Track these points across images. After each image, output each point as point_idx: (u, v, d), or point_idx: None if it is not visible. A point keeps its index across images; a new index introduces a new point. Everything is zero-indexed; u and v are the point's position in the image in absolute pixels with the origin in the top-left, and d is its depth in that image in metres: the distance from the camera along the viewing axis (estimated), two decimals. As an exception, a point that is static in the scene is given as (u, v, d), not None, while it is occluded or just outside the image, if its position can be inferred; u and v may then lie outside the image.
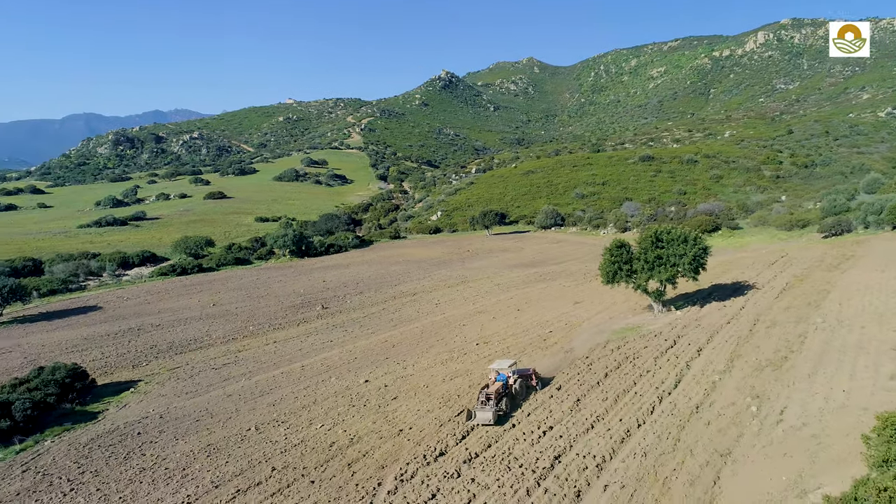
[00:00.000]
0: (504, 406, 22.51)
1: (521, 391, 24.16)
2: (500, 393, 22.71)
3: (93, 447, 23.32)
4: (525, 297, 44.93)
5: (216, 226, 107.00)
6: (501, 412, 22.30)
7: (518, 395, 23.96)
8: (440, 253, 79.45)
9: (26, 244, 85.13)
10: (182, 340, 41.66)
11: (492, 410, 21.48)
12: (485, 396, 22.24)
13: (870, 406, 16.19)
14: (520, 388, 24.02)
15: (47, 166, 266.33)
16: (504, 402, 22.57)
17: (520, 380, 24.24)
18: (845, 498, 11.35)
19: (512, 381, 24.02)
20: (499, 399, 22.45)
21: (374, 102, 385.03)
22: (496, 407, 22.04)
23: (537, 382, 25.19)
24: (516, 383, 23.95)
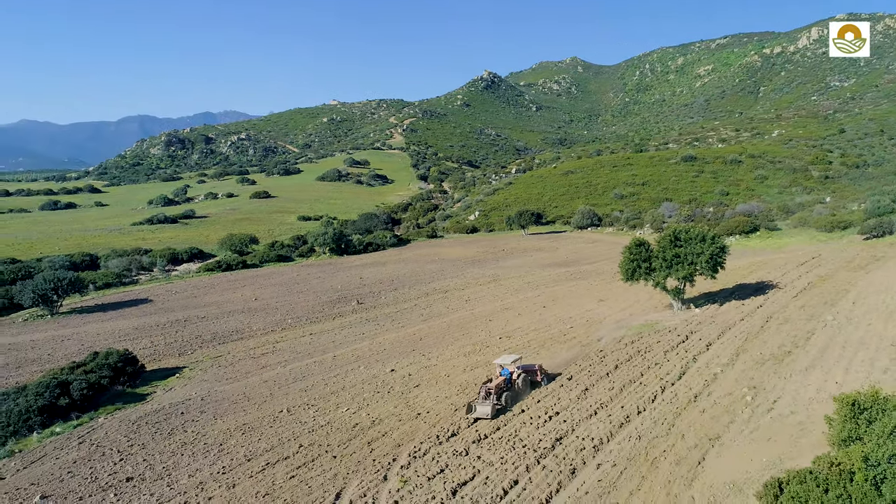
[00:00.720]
0: (505, 401, 23.39)
1: (525, 386, 24.97)
2: (500, 388, 23.62)
3: (141, 424, 25.50)
4: (552, 295, 45.87)
5: (260, 224, 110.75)
6: (500, 406, 23.21)
7: (521, 391, 24.77)
8: (475, 252, 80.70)
9: (84, 240, 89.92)
10: (225, 331, 43.98)
11: (490, 405, 22.44)
12: (485, 391, 23.17)
13: None
14: (523, 383, 24.86)
15: (104, 166, 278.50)
16: (505, 396, 23.46)
17: (523, 375, 25.10)
18: (801, 472, 12.16)
19: (515, 376, 24.91)
20: (499, 394, 23.37)
21: (416, 103, 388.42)
22: (496, 401, 22.97)
23: (542, 378, 25.94)
24: (519, 378, 24.82)
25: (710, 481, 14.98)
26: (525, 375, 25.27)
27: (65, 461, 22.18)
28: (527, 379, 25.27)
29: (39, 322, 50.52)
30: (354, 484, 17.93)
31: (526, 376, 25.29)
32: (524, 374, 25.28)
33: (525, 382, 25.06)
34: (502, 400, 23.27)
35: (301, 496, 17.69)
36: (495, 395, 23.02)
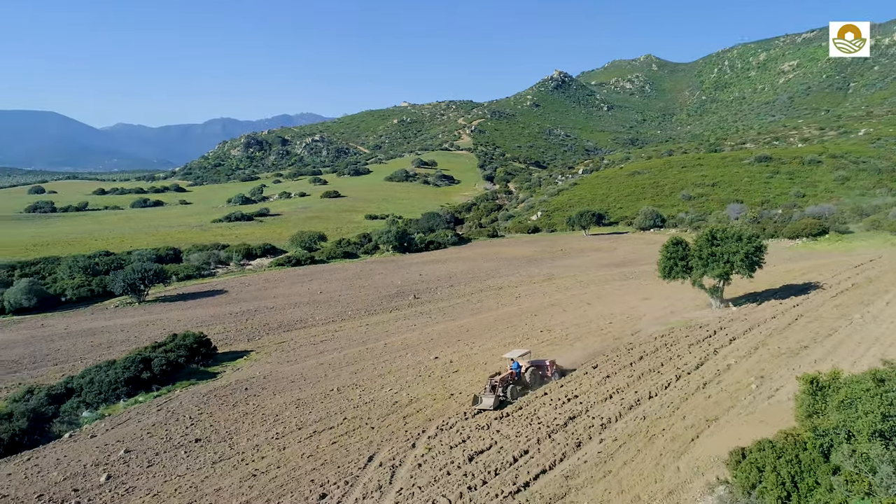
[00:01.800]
0: (511, 394, 24.53)
1: (534, 380, 26.01)
2: (506, 381, 24.82)
3: (210, 396, 28.68)
4: (600, 293, 46.78)
5: (329, 222, 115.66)
6: (504, 399, 24.36)
7: (529, 384, 25.83)
8: (533, 251, 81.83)
9: (169, 236, 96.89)
10: (290, 320, 47.31)
11: (493, 397, 23.70)
12: (491, 384, 24.41)
13: None
14: (531, 377, 25.93)
15: (189, 167, 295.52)
16: (510, 389, 24.61)
17: (532, 369, 26.19)
18: (762, 442, 13.19)
19: (524, 370, 26.08)
20: (504, 387, 24.59)
21: (485, 104, 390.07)
22: (500, 394, 24.21)
23: (553, 373, 26.88)
24: (528, 372, 25.95)
25: (697, 454, 16.21)
26: (534, 370, 26.33)
27: (145, 424, 25.50)
28: (536, 373, 26.29)
29: (128, 308, 55.62)
30: (386, 449, 20.14)
31: (535, 370, 26.33)
32: (533, 369, 26.33)
33: (534, 376, 26.07)
34: (507, 393, 24.41)
35: (339, 458, 20.08)
36: (500, 387, 24.27)
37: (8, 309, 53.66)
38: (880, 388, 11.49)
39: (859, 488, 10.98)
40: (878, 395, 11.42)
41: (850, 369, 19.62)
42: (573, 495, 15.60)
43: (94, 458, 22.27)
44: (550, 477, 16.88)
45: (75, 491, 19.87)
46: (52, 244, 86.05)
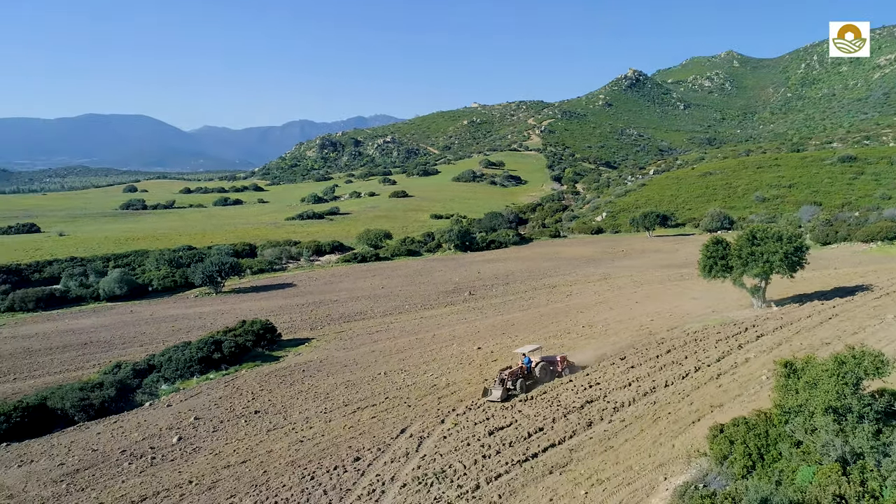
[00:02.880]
0: (520, 387, 25.60)
1: (544, 375, 26.97)
2: (515, 374, 25.95)
3: (271, 376, 31.59)
4: (650, 293, 47.10)
5: (396, 221, 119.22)
6: (513, 391, 25.42)
7: (539, 379, 26.79)
8: (593, 252, 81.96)
9: (246, 232, 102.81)
10: (351, 312, 50.14)
11: (500, 390, 24.91)
12: (500, 378, 25.64)
13: None
14: (541, 372, 26.93)
15: (267, 167, 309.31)
16: (519, 383, 25.68)
17: (542, 364, 27.21)
18: (737, 418, 14.05)
19: (534, 364, 27.16)
20: (513, 380, 25.71)
21: (556, 104, 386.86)
22: (509, 386, 25.32)
23: (564, 369, 27.77)
24: (538, 367, 26.99)
25: (694, 434, 17.19)
26: (545, 365, 27.33)
27: (213, 397, 28.58)
28: (547, 368, 27.27)
29: (206, 298, 60.21)
30: (418, 423, 22.13)
31: (546, 365, 27.33)
32: (543, 364, 27.33)
33: (545, 371, 27.03)
34: (516, 386, 25.53)
35: (376, 429, 22.30)
36: (509, 380, 25.45)
37: (103, 296, 59.30)
38: (839, 369, 12.31)
39: (813, 458, 11.89)
40: (835, 376, 12.27)
41: None
42: (573, 465, 17.06)
43: (168, 423, 25.41)
44: (557, 450, 18.41)
45: (152, 448, 22.93)
46: (141, 239, 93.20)
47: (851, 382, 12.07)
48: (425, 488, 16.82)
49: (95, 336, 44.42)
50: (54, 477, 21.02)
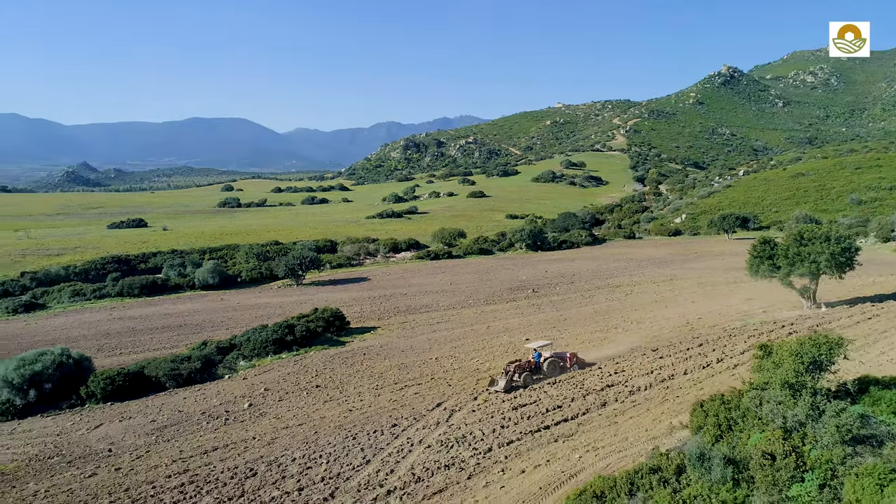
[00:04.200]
0: (523, 380, 26.86)
1: (552, 370, 28.03)
2: (522, 367, 27.29)
3: (335, 358, 34.81)
4: (709, 293, 46.94)
5: (471, 221, 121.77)
6: (518, 384, 26.67)
7: (546, 373, 27.87)
8: (665, 253, 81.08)
9: (328, 229, 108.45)
10: (417, 305, 52.96)
11: (504, 381, 26.36)
12: (505, 370, 27.10)
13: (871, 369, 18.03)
14: (549, 367, 28.05)
15: (353, 168, 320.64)
16: (524, 376, 26.97)
17: (550, 360, 28.32)
18: (716, 395, 15.12)
19: (542, 359, 28.36)
20: (520, 373, 27.05)
21: (643, 103, 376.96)
22: (513, 379, 26.68)
23: (573, 365, 28.75)
24: (546, 362, 28.16)
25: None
26: (553, 360, 28.42)
27: (282, 373, 32.07)
28: (556, 363, 28.35)
29: (288, 289, 64.97)
30: (452, 399, 24.44)
31: (554, 361, 28.42)
32: (552, 359, 28.43)
33: (553, 366, 28.12)
34: (521, 379, 26.88)
35: (416, 403, 24.85)
36: (515, 373, 26.93)
37: (197, 285, 65.35)
38: (799, 350, 13.38)
39: (766, 427, 13.04)
40: (795, 355, 13.34)
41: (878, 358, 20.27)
42: (577, 436, 18.76)
43: (242, 392, 29.01)
44: (568, 424, 20.17)
45: (226, 412, 26.48)
46: (234, 234, 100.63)
47: (807, 362, 13.17)
48: (445, 449, 19.12)
49: (189, 319, 49.57)
50: (147, 430, 24.88)
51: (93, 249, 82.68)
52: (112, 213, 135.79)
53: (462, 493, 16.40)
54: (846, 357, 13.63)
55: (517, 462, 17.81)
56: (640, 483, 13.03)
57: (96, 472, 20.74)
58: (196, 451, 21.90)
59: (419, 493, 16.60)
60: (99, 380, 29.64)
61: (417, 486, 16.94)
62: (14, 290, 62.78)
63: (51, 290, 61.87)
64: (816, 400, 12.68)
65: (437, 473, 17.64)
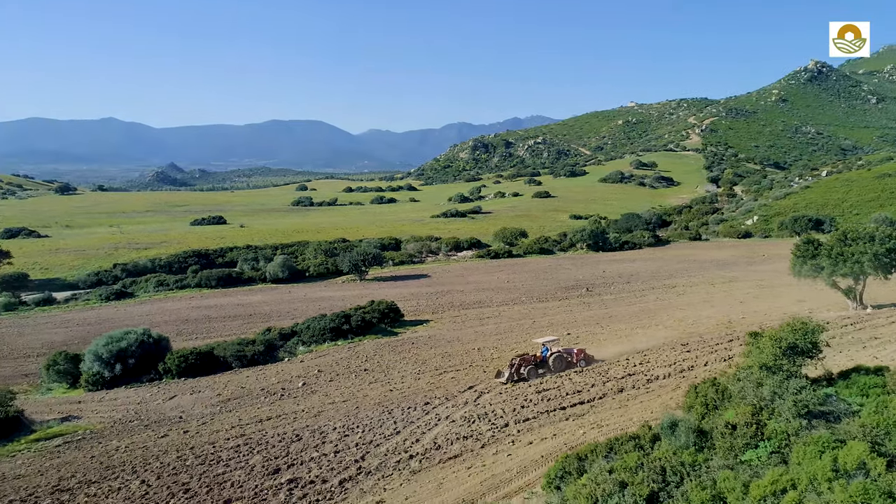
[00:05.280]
0: (528, 373, 27.96)
1: (558, 365, 28.88)
2: (527, 361, 28.34)
3: (385, 346, 37.17)
4: (761, 294, 46.34)
5: (534, 220, 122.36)
6: (522, 376, 27.80)
7: (552, 368, 28.80)
8: (730, 255, 79.38)
9: (394, 228, 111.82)
10: (471, 301, 54.74)
11: (507, 373, 27.59)
12: (510, 363, 28.26)
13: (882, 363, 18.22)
14: (555, 362, 28.92)
15: (422, 168, 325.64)
16: (528, 370, 28.06)
17: (556, 355, 29.21)
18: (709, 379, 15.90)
19: (549, 355, 29.29)
20: (525, 366, 28.14)
21: (721, 101, 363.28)
22: (517, 372, 27.81)
23: (579, 360, 29.52)
24: (551, 358, 29.05)
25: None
26: (561, 356, 29.32)
27: (336, 358, 34.68)
28: (562, 358, 29.23)
29: (351, 284, 68.24)
30: (484, 383, 26.21)
31: (561, 357, 29.30)
32: (558, 355, 29.33)
33: (559, 361, 29.03)
34: (525, 372, 28.00)
35: (450, 385, 26.82)
36: (519, 366, 28.05)
37: (268, 278, 69.71)
38: (779, 335, 14.17)
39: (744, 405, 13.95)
40: (774, 340, 14.16)
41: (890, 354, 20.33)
42: (587, 415, 20.08)
43: (298, 373, 31.76)
44: (583, 406, 21.57)
45: (282, 389, 29.23)
46: (305, 231, 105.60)
47: (784, 347, 14.00)
48: (467, 424, 20.90)
49: (259, 309, 53.37)
50: (213, 402, 27.91)
51: (176, 244, 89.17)
52: (195, 211, 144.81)
53: (473, 459, 18.21)
54: (827, 344, 14.31)
55: (527, 436, 19.41)
56: (618, 448, 14.32)
57: (167, 434, 23.75)
58: (252, 419, 24.60)
59: (436, 457, 18.52)
60: (174, 357, 33.14)
61: (436, 453, 18.88)
62: (107, 279, 69.05)
63: (138, 280, 67.71)
64: (781, 380, 13.54)
65: (455, 443, 19.54)
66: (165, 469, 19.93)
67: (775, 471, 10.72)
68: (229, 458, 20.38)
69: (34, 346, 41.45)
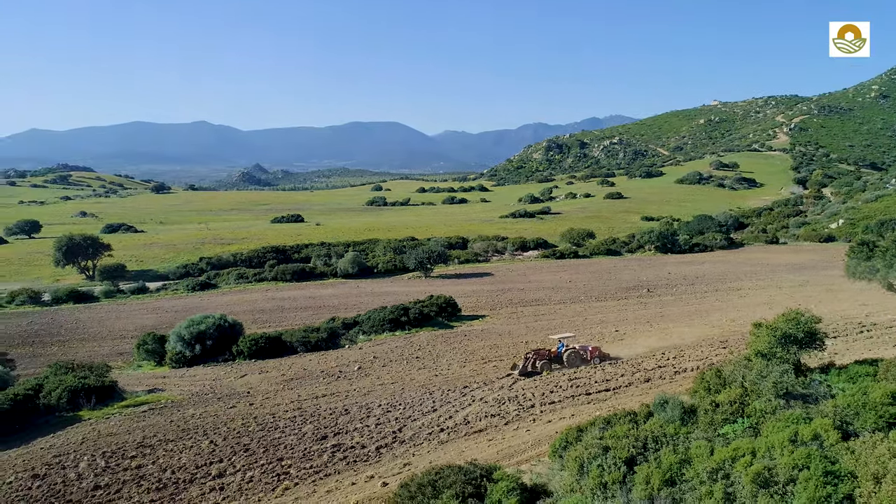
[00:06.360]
0: (540, 367, 28.96)
1: (572, 361, 29.67)
2: (542, 356, 29.33)
3: (439, 337, 39.25)
4: (825, 299, 44.81)
5: (604, 222, 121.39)
6: (534, 371, 28.78)
7: (566, 364, 29.60)
8: (806, 259, 76.54)
9: (462, 227, 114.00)
10: (529, 299, 55.96)
11: (521, 366, 28.75)
12: (524, 357, 29.35)
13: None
14: (569, 358, 29.70)
15: (494, 169, 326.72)
16: (541, 364, 29.09)
17: (571, 352, 30.00)
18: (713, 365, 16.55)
19: (564, 351, 30.13)
20: (539, 361, 29.14)
21: (812, 98, 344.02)
22: (531, 366, 28.87)
23: (594, 358, 30.13)
24: (566, 354, 29.89)
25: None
26: (575, 353, 30.09)
27: (392, 346, 37.05)
28: (577, 355, 30.01)
29: (416, 280, 70.83)
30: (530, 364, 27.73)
31: (575, 353, 30.07)
32: (573, 352, 30.10)
33: (574, 358, 29.83)
34: (538, 366, 29.04)
35: (490, 372, 28.60)
36: (534, 360, 29.14)
37: (339, 274, 73.44)
38: (776, 324, 14.89)
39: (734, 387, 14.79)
40: (770, 329, 14.89)
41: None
42: (609, 399, 21.26)
43: (355, 359, 34.32)
44: (608, 392, 22.89)
45: (340, 371, 31.81)
46: (376, 230, 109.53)
47: (780, 336, 14.76)
48: (498, 404, 22.59)
49: (328, 302, 56.75)
50: (278, 381, 30.83)
51: (256, 240, 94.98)
52: (276, 210, 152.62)
53: (495, 433, 19.90)
54: (827, 336, 14.91)
55: (549, 416, 20.90)
56: (615, 422, 15.51)
57: (236, 405, 26.70)
58: (309, 396, 27.23)
59: (463, 431, 20.35)
60: (246, 341, 36.50)
61: (464, 427, 20.74)
62: (194, 272, 74.88)
63: (221, 273, 73.07)
64: (765, 364, 14.34)
65: (482, 420, 21.32)
66: (231, 433, 22.72)
67: (743, 441, 11.73)
68: (285, 426, 22.96)
69: (128, 328, 46.22)
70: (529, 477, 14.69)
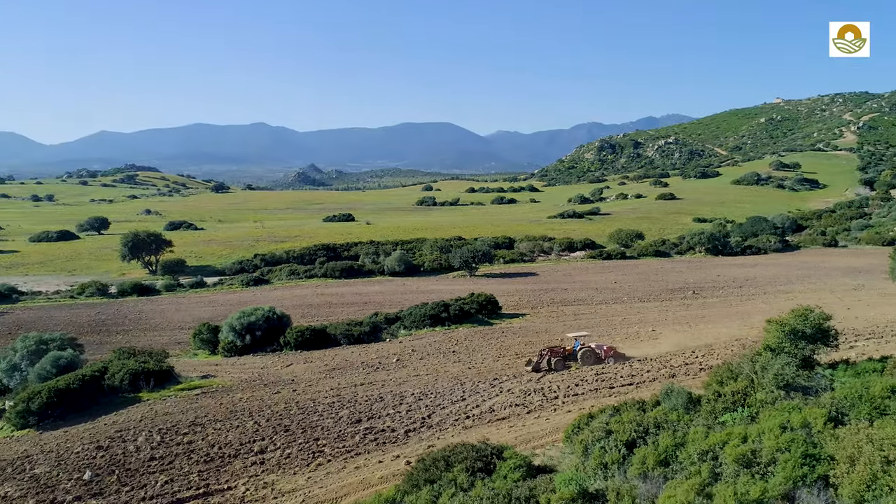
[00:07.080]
0: (554, 364, 29.51)
1: (586, 359, 30.07)
2: (556, 353, 29.91)
3: (477, 333, 40.32)
4: (876, 304, 43.58)
5: (654, 223, 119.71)
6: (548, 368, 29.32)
7: (580, 362, 30.03)
8: (864, 263, 73.78)
9: (510, 227, 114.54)
10: (571, 299, 56.29)
11: (535, 363, 29.44)
12: (539, 354, 30.03)
13: None
14: (583, 356, 30.08)
15: (545, 169, 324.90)
16: (556, 361, 29.63)
17: (585, 350, 30.36)
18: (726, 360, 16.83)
19: (579, 349, 30.55)
20: (553, 358, 29.65)
21: (884, 95, 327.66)
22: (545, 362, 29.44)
23: (608, 357, 30.41)
24: (581, 352, 30.29)
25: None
26: (589, 351, 30.45)
27: (430, 341, 38.35)
28: (592, 353, 30.40)
29: (461, 279, 72.01)
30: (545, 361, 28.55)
31: (589, 351, 30.44)
32: (587, 350, 30.47)
33: (588, 356, 30.24)
34: (551, 364, 29.59)
35: (520, 366, 29.62)
36: (548, 357, 29.72)
37: (386, 271, 75.40)
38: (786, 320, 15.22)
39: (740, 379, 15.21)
40: (780, 325, 15.23)
41: None
42: (631, 392, 21.83)
43: (395, 351, 35.77)
44: (631, 386, 23.39)
45: (379, 363, 33.31)
46: (424, 229, 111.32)
47: (788, 331, 15.11)
48: (524, 395, 23.53)
49: (374, 298, 58.56)
50: (320, 370, 32.54)
51: (308, 238, 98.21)
52: (328, 209, 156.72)
53: (516, 420, 20.88)
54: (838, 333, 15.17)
55: (570, 406, 21.74)
56: (624, 409, 16.19)
57: (280, 391, 28.48)
58: (348, 384, 28.78)
59: (487, 418, 21.42)
60: (293, 332, 38.46)
61: (488, 415, 21.81)
62: (249, 268, 78.24)
63: (274, 269, 76.09)
64: (768, 358, 14.71)
65: (506, 409, 22.35)
66: (274, 415, 24.43)
67: (737, 427, 12.28)
68: (324, 410, 24.51)
69: (186, 320, 49.10)
70: (541, 459, 15.62)
